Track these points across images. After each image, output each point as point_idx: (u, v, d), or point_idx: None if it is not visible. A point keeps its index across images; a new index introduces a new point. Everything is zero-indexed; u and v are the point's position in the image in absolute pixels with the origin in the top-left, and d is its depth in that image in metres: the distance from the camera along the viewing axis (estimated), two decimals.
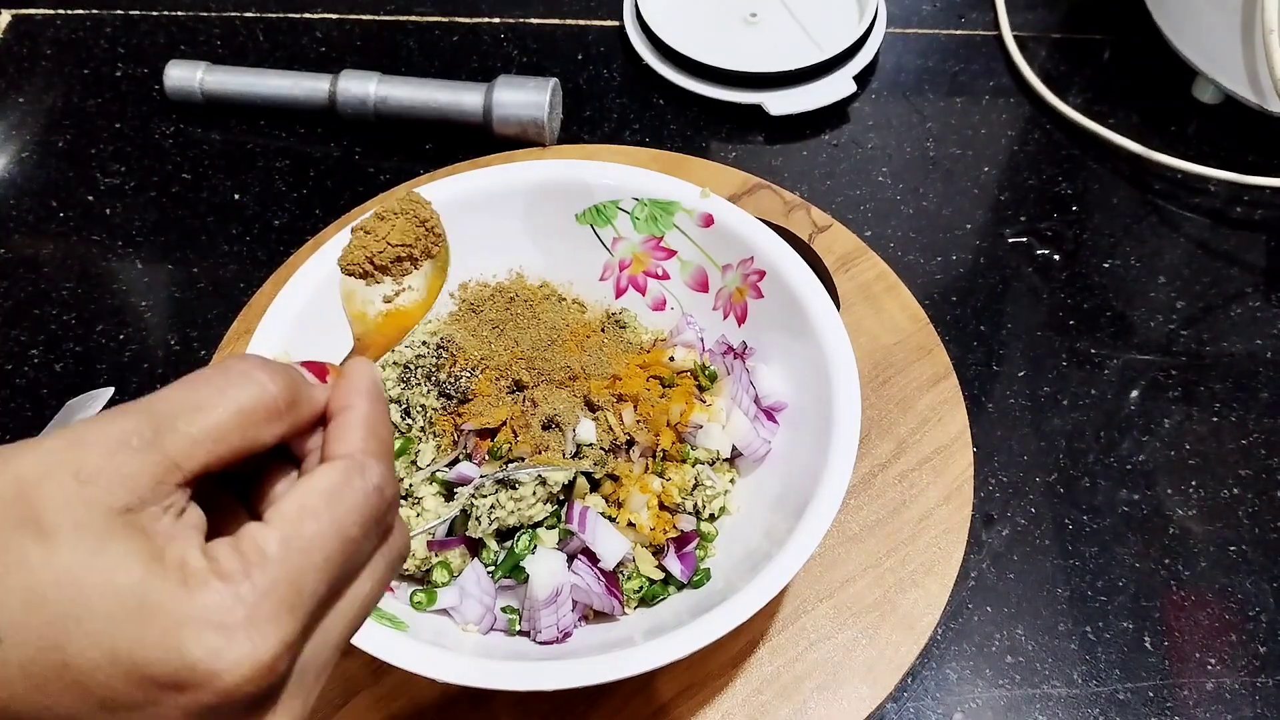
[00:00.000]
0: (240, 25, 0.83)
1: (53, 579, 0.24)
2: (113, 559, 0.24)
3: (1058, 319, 0.68)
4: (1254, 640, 0.55)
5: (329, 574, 0.27)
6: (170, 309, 0.68)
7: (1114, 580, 0.57)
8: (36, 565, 0.24)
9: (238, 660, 0.25)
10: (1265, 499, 0.60)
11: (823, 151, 0.76)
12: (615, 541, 0.51)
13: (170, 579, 0.25)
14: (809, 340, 0.54)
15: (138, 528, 0.25)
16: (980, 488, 0.60)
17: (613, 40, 0.83)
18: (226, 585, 0.25)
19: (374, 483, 0.29)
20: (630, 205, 0.59)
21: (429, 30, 0.83)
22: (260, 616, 0.25)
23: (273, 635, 0.25)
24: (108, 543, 0.25)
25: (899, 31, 0.84)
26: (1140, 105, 0.79)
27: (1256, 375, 0.65)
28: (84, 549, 0.24)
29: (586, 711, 0.50)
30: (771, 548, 0.47)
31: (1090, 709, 0.53)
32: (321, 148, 0.75)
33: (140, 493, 0.25)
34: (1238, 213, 0.73)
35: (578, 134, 0.76)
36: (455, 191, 0.58)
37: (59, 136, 0.76)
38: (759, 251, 0.57)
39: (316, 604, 0.27)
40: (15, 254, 0.70)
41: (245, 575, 0.26)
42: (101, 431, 0.26)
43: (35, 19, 0.84)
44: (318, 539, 0.27)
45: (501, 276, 0.61)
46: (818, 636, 0.53)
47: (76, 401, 0.62)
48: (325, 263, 0.55)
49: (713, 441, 0.55)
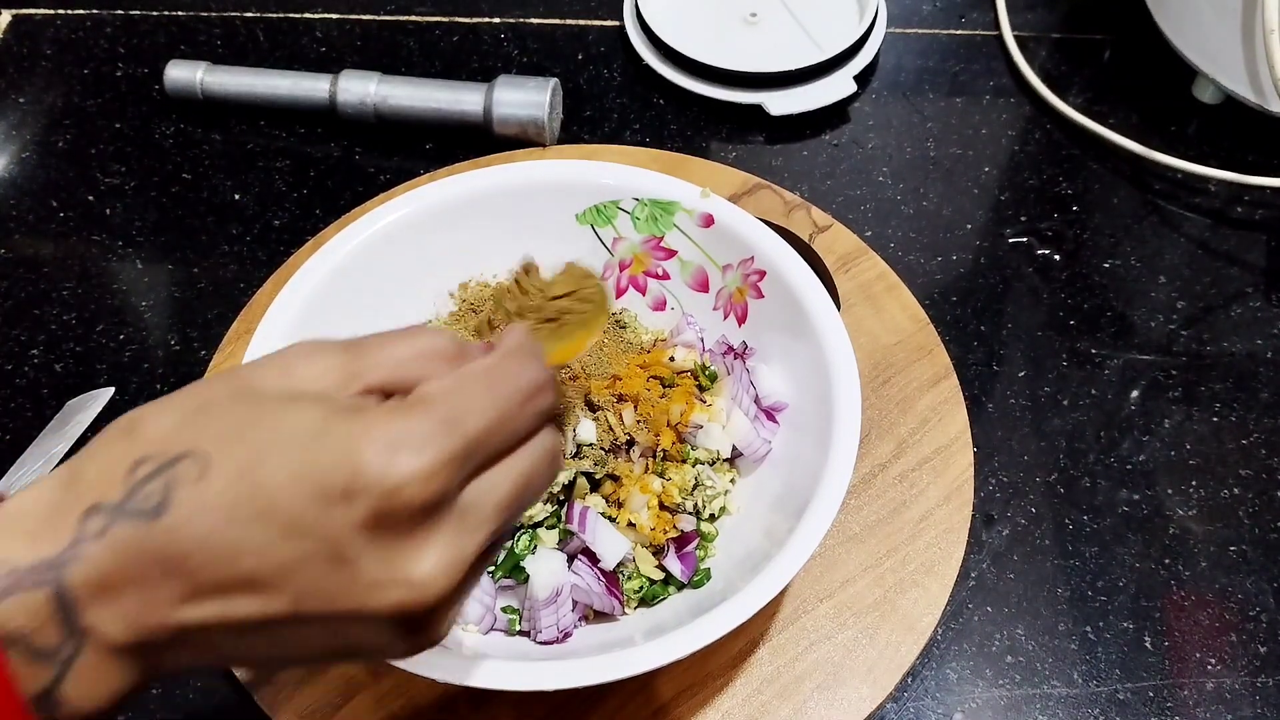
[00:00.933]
0: (240, 25, 0.83)
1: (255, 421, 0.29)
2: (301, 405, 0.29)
3: (1058, 319, 0.68)
4: (1254, 640, 0.55)
5: (486, 420, 0.30)
6: (170, 309, 0.68)
7: (1114, 580, 0.57)
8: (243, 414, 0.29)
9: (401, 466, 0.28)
10: (1265, 499, 0.60)
11: (823, 151, 0.76)
12: (615, 541, 0.51)
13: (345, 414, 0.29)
14: (809, 340, 0.54)
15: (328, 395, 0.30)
16: (980, 488, 0.60)
17: (613, 40, 0.83)
18: (393, 413, 0.29)
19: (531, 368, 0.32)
20: (630, 205, 0.59)
21: (429, 30, 0.83)
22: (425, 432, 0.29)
23: (433, 450, 0.28)
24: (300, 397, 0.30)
25: (899, 31, 0.84)
26: (1140, 105, 0.79)
27: (1257, 375, 0.65)
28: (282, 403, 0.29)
29: (586, 711, 0.50)
30: (771, 548, 0.47)
31: (1090, 709, 0.53)
32: (321, 148, 0.75)
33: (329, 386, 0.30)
34: (1238, 213, 0.73)
35: (578, 134, 0.76)
36: (455, 191, 0.58)
37: (59, 136, 0.76)
38: (759, 251, 0.57)
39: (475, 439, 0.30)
40: (15, 254, 0.70)
41: (411, 406, 0.29)
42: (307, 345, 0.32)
43: (35, 19, 0.84)
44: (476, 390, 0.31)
45: (501, 276, 0.61)
46: (818, 636, 0.53)
47: (76, 401, 0.62)
48: (325, 263, 0.55)
49: (713, 441, 0.55)
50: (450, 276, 0.60)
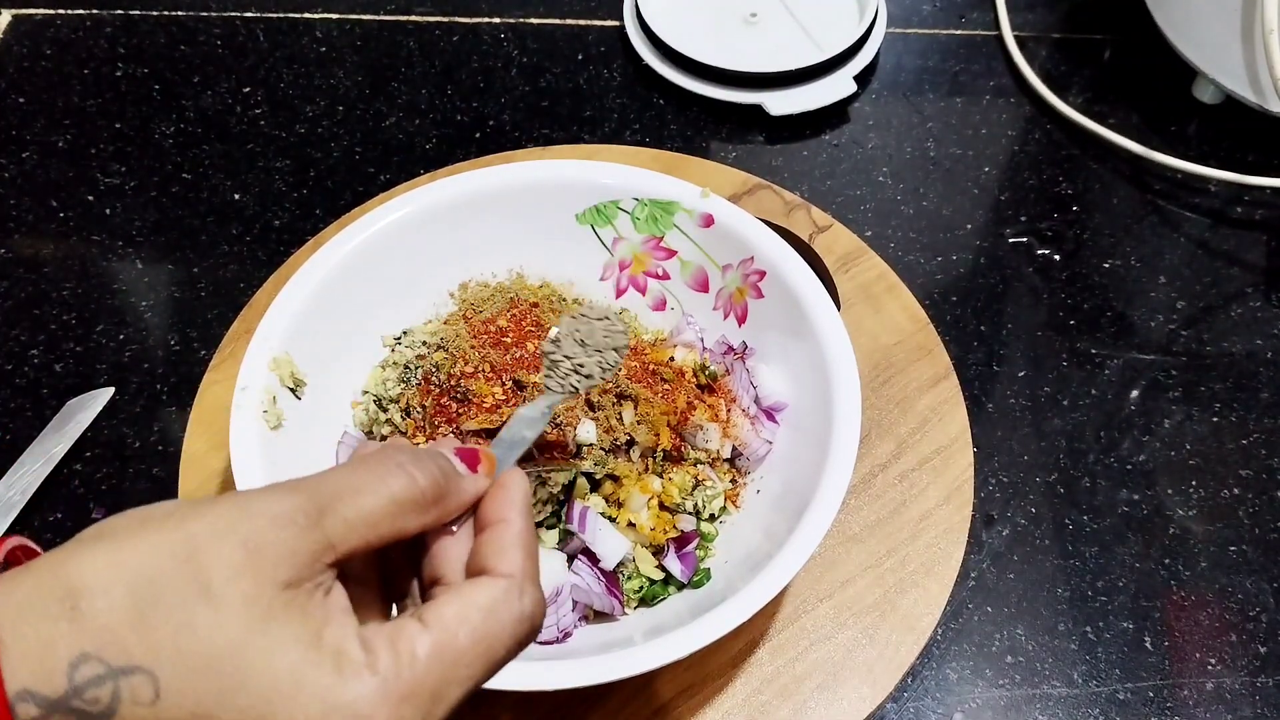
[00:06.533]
0: (240, 25, 0.83)
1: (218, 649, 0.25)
2: (274, 639, 0.26)
3: (1058, 319, 0.67)
4: (1254, 640, 0.55)
5: (467, 689, 0.28)
6: (170, 309, 0.68)
7: (1114, 580, 0.57)
8: (204, 632, 0.26)
9: None
10: (1265, 499, 0.60)
11: (823, 151, 0.76)
12: (615, 541, 0.51)
13: (325, 665, 0.26)
14: (809, 340, 0.54)
15: (297, 606, 0.27)
16: (980, 488, 0.60)
17: (613, 40, 0.83)
18: (377, 681, 0.26)
19: (528, 610, 0.30)
20: (630, 205, 0.59)
21: (429, 30, 0.83)
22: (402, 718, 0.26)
23: None
24: (270, 621, 0.26)
25: (899, 31, 0.84)
26: (1140, 105, 0.79)
27: (1256, 375, 0.65)
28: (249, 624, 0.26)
29: (586, 711, 0.50)
30: (771, 548, 0.47)
31: (1090, 709, 0.53)
32: (322, 148, 0.75)
33: (300, 569, 0.27)
34: (1238, 213, 0.73)
35: (578, 134, 0.76)
36: (455, 191, 0.58)
37: (59, 136, 0.76)
38: (759, 251, 0.57)
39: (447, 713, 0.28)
40: (15, 254, 0.70)
41: (396, 675, 0.27)
42: (268, 505, 0.27)
43: (35, 19, 0.84)
44: (467, 655, 0.28)
45: (501, 276, 0.61)
46: (818, 636, 0.53)
47: (76, 401, 0.62)
48: (325, 262, 0.55)
49: (713, 441, 0.55)
50: (450, 276, 0.60)
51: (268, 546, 0.26)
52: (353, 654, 0.27)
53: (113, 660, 0.25)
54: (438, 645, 0.28)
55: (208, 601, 0.26)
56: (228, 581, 0.26)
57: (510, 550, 0.31)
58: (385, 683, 0.27)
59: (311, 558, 0.27)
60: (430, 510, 0.30)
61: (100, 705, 0.25)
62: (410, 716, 0.27)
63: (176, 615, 0.26)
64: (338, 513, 0.28)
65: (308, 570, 0.27)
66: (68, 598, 0.25)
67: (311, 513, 0.27)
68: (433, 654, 0.28)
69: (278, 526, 0.27)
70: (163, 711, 0.25)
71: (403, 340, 0.58)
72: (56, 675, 0.25)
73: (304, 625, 0.27)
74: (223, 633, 0.26)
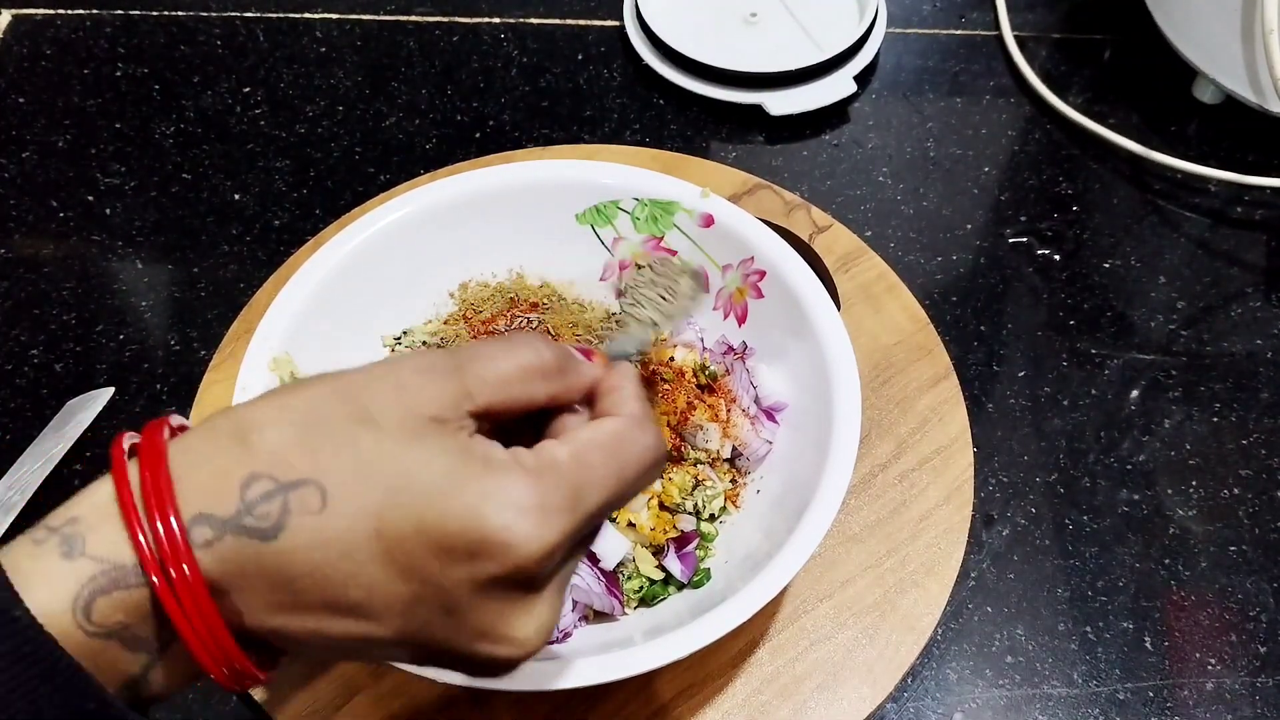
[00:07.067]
0: (240, 25, 0.83)
1: (380, 459, 0.28)
2: (429, 448, 0.29)
3: (1058, 319, 0.68)
4: (1254, 640, 0.55)
5: (606, 497, 0.31)
6: (170, 309, 0.68)
7: (1114, 580, 0.57)
8: (366, 446, 0.28)
9: (527, 538, 0.28)
10: (1265, 499, 0.60)
11: (823, 151, 0.76)
12: (615, 541, 0.51)
13: (476, 465, 0.29)
14: (809, 340, 0.54)
15: (448, 429, 0.29)
16: (980, 488, 0.60)
17: (613, 40, 0.83)
18: (526, 475, 0.29)
19: (653, 442, 0.32)
20: (630, 205, 0.59)
21: (429, 30, 0.83)
22: (551, 506, 0.29)
23: (556, 525, 0.29)
24: (424, 436, 0.29)
25: (899, 31, 0.84)
26: (1140, 105, 0.79)
27: (1256, 375, 0.65)
28: (407, 439, 0.29)
29: (586, 711, 0.50)
30: (771, 548, 0.47)
31: (1090, 709, 0.53)
32: (322, 148, 0.75)
33: (445, 408, 0.30)
34: (1238, 213, 0.73)
35: (578, 134, 0.76)
36: (455, 191, 0.58)
37: (59, 136, 0.76)
38: (759, 251, 0.57)
39: (595, 514, 0.30)
40: (15, 254, 0.70)
41: (540, 470, 0.29)
42: (414, 360, 0.31)
43: (35, 19, 0.84)
44: (601, 465, 0.31)
45: (501, 276, 0.61)
46: (818, 636, 0.53)
47: (76, 401, 0.62)
48: (325, 263, 0.55)
49: (713, 441, 0.55)
50: (450, 276, 0.60)
51: (416, 388, 0.30)
52: (499, 456, 0.29)
53: (281, 477, 0.28)
54: (575, 452, 0.30)
55: (367, 425, 0.29)
56: (383, 411, 0.29)
57: (630, 400, 0.33)
58: (532, 474, 0.29)
59: (455, 400, 0.30)
60: (554, 379, 0.32)
61: (270, 520, 0.27)
62: (557, 503, 0.29)
63: (339, 436, 0.28)
64: (474, 371, 0.31)
65: (452, 411, 0.30)
66: (237, 432, 0.28)
67: (452, 367, 0.31)
68: (571, 458, 0.30)
69: (422, 373, 0.30)
70: (330, 519, 0.27)
71: (403, 340, 0.58)
72: (228, 496, 0.27)
73: (455, 440, 0.29)
74: (383, 447, 0.28)
